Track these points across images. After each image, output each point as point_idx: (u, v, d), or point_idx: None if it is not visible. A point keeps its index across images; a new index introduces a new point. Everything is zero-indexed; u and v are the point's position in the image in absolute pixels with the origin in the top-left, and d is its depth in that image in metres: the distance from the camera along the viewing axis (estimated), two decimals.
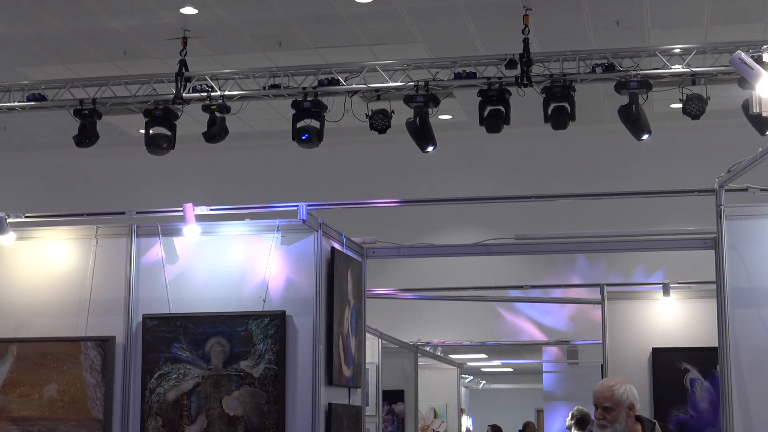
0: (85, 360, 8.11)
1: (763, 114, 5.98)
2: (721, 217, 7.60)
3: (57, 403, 8.10)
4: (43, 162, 17.77)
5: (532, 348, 18.14)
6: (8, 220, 8.35)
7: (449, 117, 15.84)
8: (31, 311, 8.35)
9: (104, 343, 8.12)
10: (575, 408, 13.04)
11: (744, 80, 5.89)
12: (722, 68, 10.96)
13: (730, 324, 7.42)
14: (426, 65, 11.99)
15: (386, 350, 13.79)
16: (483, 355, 21.39)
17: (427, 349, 15.92)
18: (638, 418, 6.20)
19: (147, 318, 8.08)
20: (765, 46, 9.66)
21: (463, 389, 21.04)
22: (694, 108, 11.44)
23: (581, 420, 12.48)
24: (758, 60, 6.11)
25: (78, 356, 8.12)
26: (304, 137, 11.92)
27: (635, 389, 6.17)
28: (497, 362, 23.54)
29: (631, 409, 6.09)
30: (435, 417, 16.64)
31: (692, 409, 9.92)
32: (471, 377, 25.41)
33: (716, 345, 7.65)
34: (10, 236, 8.39)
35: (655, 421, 6.34)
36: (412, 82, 11.80)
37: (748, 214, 7.61)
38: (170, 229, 8.27)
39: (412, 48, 13.61)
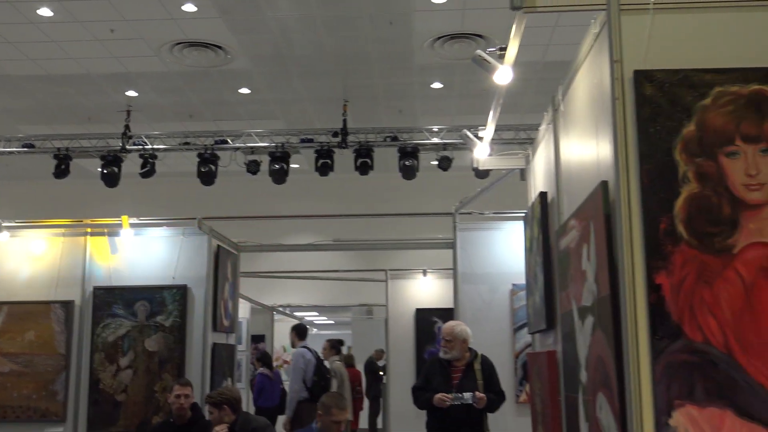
0: (54, 316, 7.73)
1: (480, 168, 6.11)
2: (455, 230, 7.77)
3: (34, 343, 7.71)
4: (31, 188, 16.88)
5: (346, 308, 18.15)
6: (3, 224, 7.94)
7: (297, 165, 15.71)
8: (18, 283, 7.93)
9: (67, 305, 7.75)
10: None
11: (471, 148, 5.97)
12: (461, 141, 11.22)
13: (460, 294, 7.59)
14: (283, 133, 11.96)
15: (254, 310, 13.63)
16: (315, 313, 21.32)
17: (280, 309, 15.76)
18: (470, 350, 5.88)
19: (96, 288, 7.76)
20: (481, 126, 9.93)
21: None
22: (444, 164, 11.72)
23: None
24: (476, 136, 6.20)
25: (49, 314, 7.74)
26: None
27: (469, 330, 5.92)
28: (324, 317, 23.52)
29: (464, 342, 5.85)
30: (284, 351, 16.44)
31: (437, 344, 10.09)
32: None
33: (452, 306, 7.82)
34: (4, 234, 7.96)
35: (481, 353, 5.95)
36: (274, 143, 11.75)
37: (472, 228, 7.81)
38: (113, 231, 7.98)
39: (275, 122, 13.49)
